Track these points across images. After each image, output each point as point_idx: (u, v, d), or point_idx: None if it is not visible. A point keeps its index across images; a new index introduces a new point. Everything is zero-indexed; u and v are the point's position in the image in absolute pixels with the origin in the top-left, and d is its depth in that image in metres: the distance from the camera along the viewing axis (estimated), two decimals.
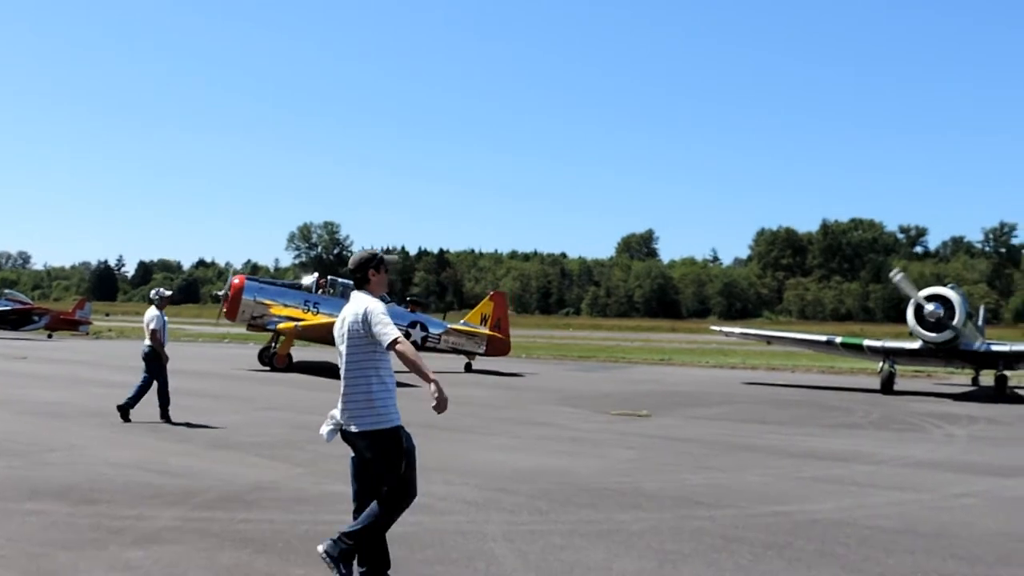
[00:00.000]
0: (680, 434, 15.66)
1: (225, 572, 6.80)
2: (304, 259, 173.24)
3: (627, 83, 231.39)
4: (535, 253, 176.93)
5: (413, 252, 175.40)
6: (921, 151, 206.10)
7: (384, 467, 6.25)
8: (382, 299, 6.57)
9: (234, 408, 17.80)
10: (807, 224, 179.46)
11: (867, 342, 27.72)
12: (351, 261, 6.55)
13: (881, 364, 25.95)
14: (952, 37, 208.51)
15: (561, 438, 14.80)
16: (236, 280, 29.12)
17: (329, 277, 29.96)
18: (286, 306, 28.23)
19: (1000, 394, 24.55)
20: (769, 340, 33.52)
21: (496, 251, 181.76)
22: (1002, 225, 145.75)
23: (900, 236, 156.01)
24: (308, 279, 30.16)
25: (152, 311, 15.54)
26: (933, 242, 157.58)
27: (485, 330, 30.89)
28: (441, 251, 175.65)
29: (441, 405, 6.17)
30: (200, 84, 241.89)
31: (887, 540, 8.25)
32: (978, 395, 25.73)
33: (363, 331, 6.20)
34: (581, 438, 14.85)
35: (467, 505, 9.32)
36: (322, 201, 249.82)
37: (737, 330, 35.23)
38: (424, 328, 29.67)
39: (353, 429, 6.26)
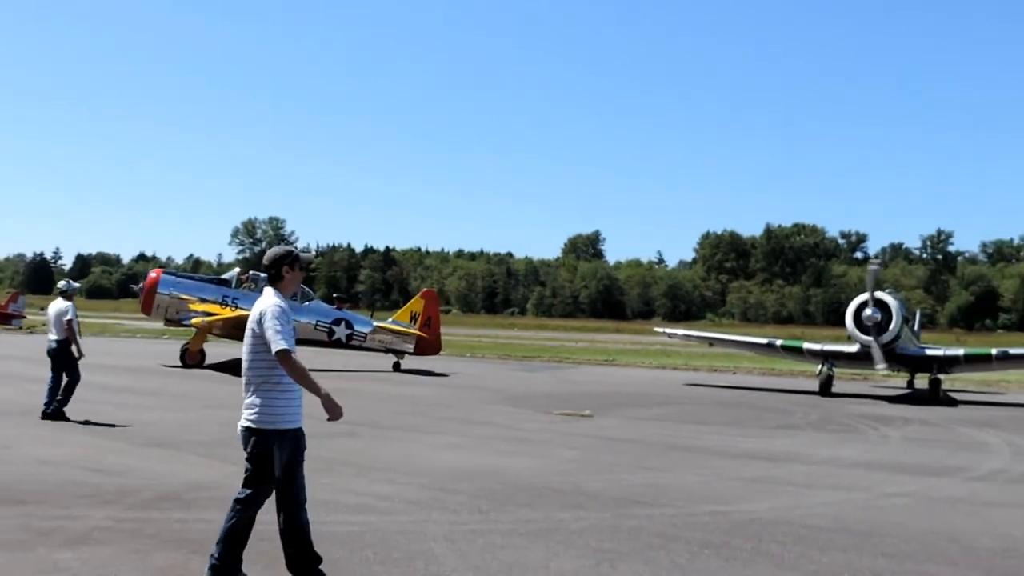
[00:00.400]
0: (621, 434, 15.76)
1: (159, 573, 6.71)
2: (248, 255, 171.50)
3: (575, 84, 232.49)
4: (481, 252, 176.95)
5: (359, 249, 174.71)
6: (862, 159, 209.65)
7: (256, 466, 6.23)
8: (305, 295, 6.61)
9: (170, 405, 17.58)
10: (751, 228, 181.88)
11: (806, 345, 28.10)
12: (266, 256, 6.53)
13: (820, 367, 26.29)
14: (892, 46, 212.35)
15: (504, 438, 14.82)
16: (152, 274, 28.61)
17: (251, 272, 29.47)
18: (204, 301, 27.59)
19: (934, 397, 24.98)
20: (711, 342, 33.79)
21: (443, 250, 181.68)
22: (939, 233, 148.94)
23: (841, 242, 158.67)
24: (230, 273, 29.83)
25: (63, 303, 14.93)
26: (873, 248, 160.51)
27: (414, 329, 30.29)
28: (387, 249, 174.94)
29: (333, 415, 6.17)
30: (143, 73, 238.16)
31: (822, 539, 8.38)
32: (913, 398, 26.19)
33: (259, 331, 6.19)
34: (524, 438, 14.87)
35: (409, 505, 9.30)
36: (267, 196, 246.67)
37: (680, 331, 35.47)
38: (349, 326, 29.05)
39: (242, 424, 6.27)
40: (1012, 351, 26.59)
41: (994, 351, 26.01)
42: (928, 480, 12.04)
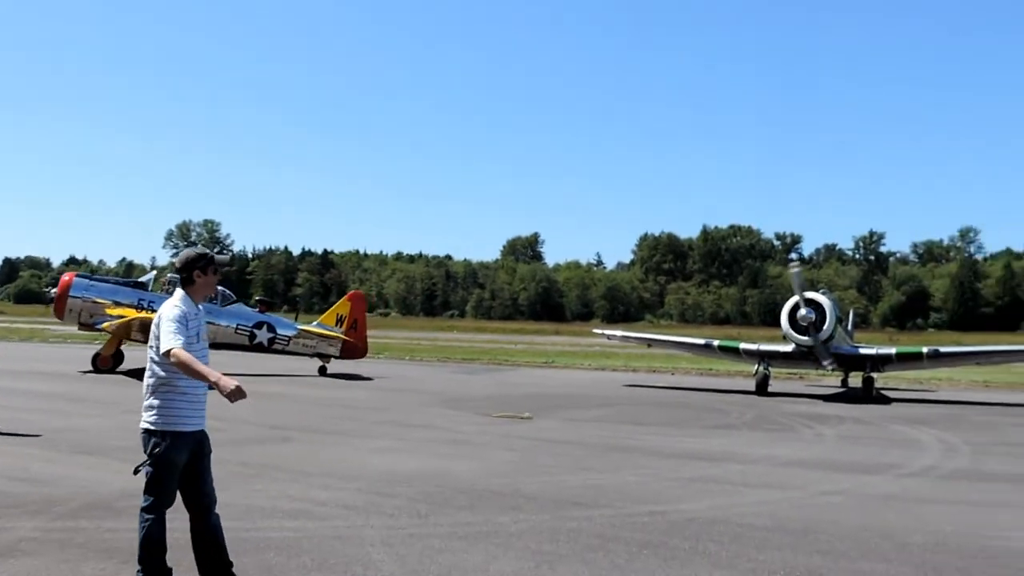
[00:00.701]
0: (561, 436, 15.78)
1: None
2: None
3: (513, 87, 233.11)
4: (420, 255, 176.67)
5: (296, 252, 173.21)
6: (796, 161, 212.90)
7: (156, 469, 6.18)
8: (225, 297, 6.55)
9: (93, 411, 17.23)
10: (688, 230, 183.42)
11: (743, 345, 28.40)
12: (178, 259, 6.53)
13: (756, 366, 26.61)
14: (822, 48, 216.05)
15: (442, 440, 14.75)
16: (65, 277, 28.01)
17: (169, 275, 28.99)
18: (118, 304, 26.96)
19: (867, 395, 25.41)
20: (650, 343, 34.02)
21: (381, 252, 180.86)
22: (871, 234, 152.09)
23: (776, 243, 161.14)
24: (147, 276, 29.26)
25: None
26: (807, 249, 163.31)
27: (339, 332, 29.33)
28: (325, 252, 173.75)
29: (233, 396, 5.94)
30: (74, 72, 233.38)
31: (758, 537, 8.46)
32: (847, 396, 26.59)
33: (157, 333, 6.18)
34: (463, 440, 14.83)
35: (347, 510, 9.21)
36: (202, 198, 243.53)
37: (619, 333, 35.69)
38: (272, 329, 28.28)
39: (141, 426, 6.23)
40: (943, 350, 27.23)
41: (925, 350, 26.58)
42: (862, 478, 12.23)
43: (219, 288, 27.39)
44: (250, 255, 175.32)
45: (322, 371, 28.66)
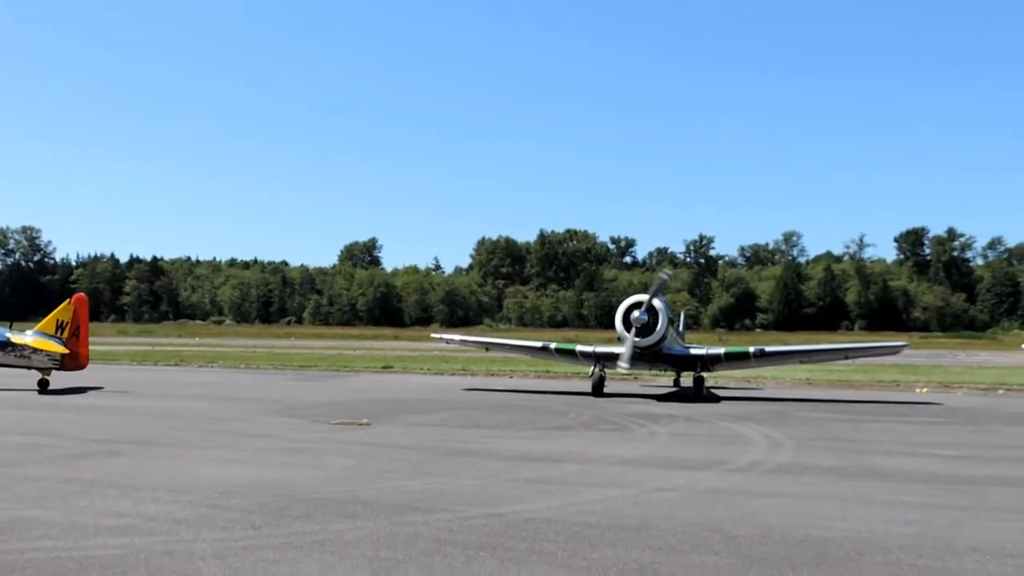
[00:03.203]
0: (399, 441, 15.70)
1: None
2: (1, 267, 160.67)
3: (349, 90, 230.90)
4: (255, 261, 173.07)
5: (124, 259, 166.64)
6: (629, 168, 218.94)
7: None
8: None
9: None
10: (525, 234, 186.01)
11: (579, 347, 28.91)
12: None
13: (592, 368, 27.14)
14: (649, 52, 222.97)
15: (279, 449, 14.49)
16: None
17: None
18: None
19: (698, 395, 26.29)
20: (488, 347, 34.27)
21: (215, 259, 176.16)
22: (701, 238, 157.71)
23: (611, 247, 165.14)
24: None
25: None
26: (640, 252, 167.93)
27: (56, 342, 25.84)
28: (155, 259, 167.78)
29: None
30: None
31: (593, 535, 8.62)
32: (679, 396, 27.43)
33: None
34: (300, 448, 14.59)
35: (177, 524, 8.92)
36: (21, 203, 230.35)
37: (457, 337, 35.79)
38: None
39: None
40: (768, 349, 28.45)
41: (752, 349, 27.69)
42: (693, 474, 12.62)
43: None
44: (74, 263, 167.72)
45: (43, 385, 25.44)
